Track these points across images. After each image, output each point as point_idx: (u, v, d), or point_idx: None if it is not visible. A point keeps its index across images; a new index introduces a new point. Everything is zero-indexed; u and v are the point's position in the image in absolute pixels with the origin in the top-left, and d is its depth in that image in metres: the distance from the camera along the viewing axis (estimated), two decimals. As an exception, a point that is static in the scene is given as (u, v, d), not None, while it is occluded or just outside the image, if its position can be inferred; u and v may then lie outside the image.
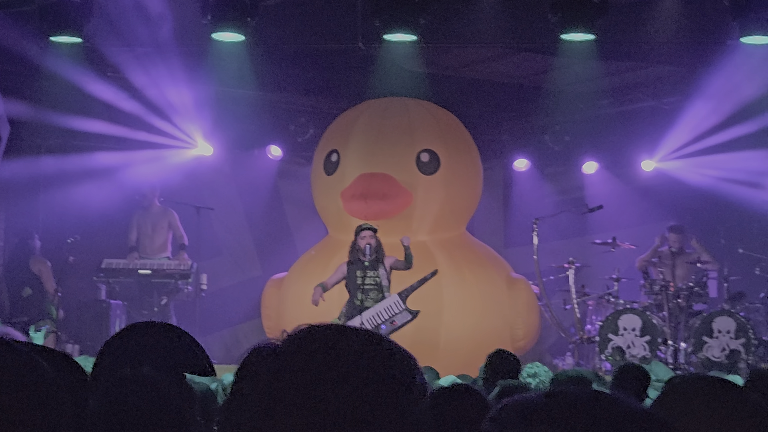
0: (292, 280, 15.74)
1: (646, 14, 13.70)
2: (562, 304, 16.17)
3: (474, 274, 15.33)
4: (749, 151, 16.00)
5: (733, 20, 12.45)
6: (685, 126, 16.38)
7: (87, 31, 13.16)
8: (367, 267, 13.33)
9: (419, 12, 12.60)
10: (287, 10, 14.37)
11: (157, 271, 16.55)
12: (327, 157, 15.86)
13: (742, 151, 16.07)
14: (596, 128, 17.26)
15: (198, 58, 14.60)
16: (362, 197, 15.08)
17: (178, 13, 13.62)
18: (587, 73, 15.13)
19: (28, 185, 16.79)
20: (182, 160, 17.28)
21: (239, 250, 18.33)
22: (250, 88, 16.25)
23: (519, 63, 16.47)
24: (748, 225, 16.54)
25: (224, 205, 17.93)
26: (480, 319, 15.05)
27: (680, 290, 14.90)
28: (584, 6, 12.28)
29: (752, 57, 13.51)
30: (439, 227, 15.70)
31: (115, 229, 16.87)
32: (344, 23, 14.15)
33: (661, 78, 16.62)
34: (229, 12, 12.67)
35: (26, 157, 16.74)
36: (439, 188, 15.53)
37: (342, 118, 16.32)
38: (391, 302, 13.25)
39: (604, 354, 14.60)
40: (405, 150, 15.52)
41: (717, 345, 14.43)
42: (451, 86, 16.93)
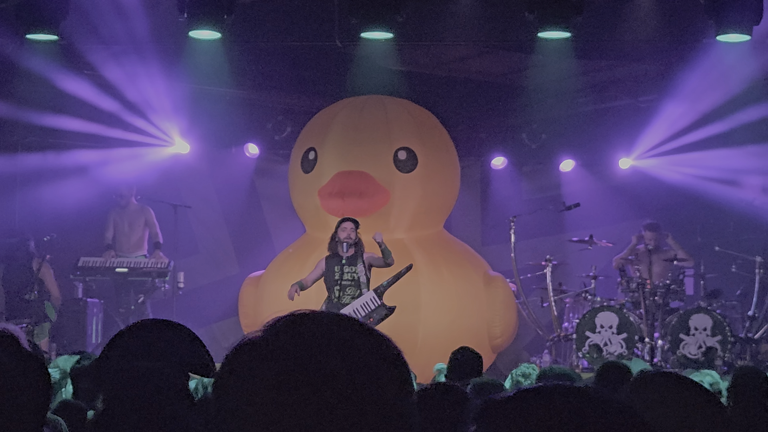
0: (269, 278, 15.73)
1: (622, 13, 13.73)
2: (540, 302, 16.19)
3: (451, 271, 15.34)
4: (726, 149, 16.06)
5: (708, 19, 12.48)
6: (662, 124, 16.43)
7: (63, 29, 13.10)
8: (344, 263, 13.32)
9: (396, 10, 12.59)
10: (264, 8, 14.36)
11: (133, 269, 16.53)
12: (304, 155, 15.85)
13: (719, 149, 16.13)
14: (573, 126, 17.29)
15: (175, 56, 14.57)
16: (339, 195, 15.08)
17: (154, 10, 13.59)
18: (564, 71, 15.17)
19: (4, 183, 16.75)
20: (159, 158, 17.24)
21: (216, 248, 18.30)
22: (228, 86, 16.24)
23: (496, 61, 16.48)
24: (724, 223, 16.59)
25: (201, 203, 17.89)
26: (457, 317, 15.06)
27: (657, 288, 14.94)
28: (561, 4, 12.30)
29: (728, 55, 13.56)
30: (416, 225, 15.71)
31: (92, 227, 16.84)
32: (321, 21, 14.15)
33: (637, 76, 16.66)
34: (205, 10, 12.64)
35: (2, 155, 16.70)
36: (416, 186, 15.54)
37: (319, 116, 16.31)
38: (367, 299, 13.25)
39: (581, 351, 14.63)
40: (382, 148, 15.52)
41: (694, 342, 14.47)
42: (429, 84, 16.95)
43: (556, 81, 15.82)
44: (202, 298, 17.56)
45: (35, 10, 12.72)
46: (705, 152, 16.31)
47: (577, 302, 15.90)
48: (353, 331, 1.78)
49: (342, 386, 1.71)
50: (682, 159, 16.67)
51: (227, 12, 12.70)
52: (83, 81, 15.50)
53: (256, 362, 1.74)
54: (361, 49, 14.47)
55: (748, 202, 16.28)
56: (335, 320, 1.80)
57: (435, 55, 16.48)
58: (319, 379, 1.71)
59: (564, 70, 15.10)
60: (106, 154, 16.82)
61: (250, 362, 1.75)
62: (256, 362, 1.74)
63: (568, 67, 14.99)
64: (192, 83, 15.93)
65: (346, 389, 1.71)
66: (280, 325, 1.78)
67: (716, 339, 14.46)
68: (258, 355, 1.75)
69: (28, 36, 13.03)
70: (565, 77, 15.62)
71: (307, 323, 1.78)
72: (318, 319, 1.79)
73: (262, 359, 1.74)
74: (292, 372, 1.71)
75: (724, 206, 16.30)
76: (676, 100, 15.81)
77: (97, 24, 13.69)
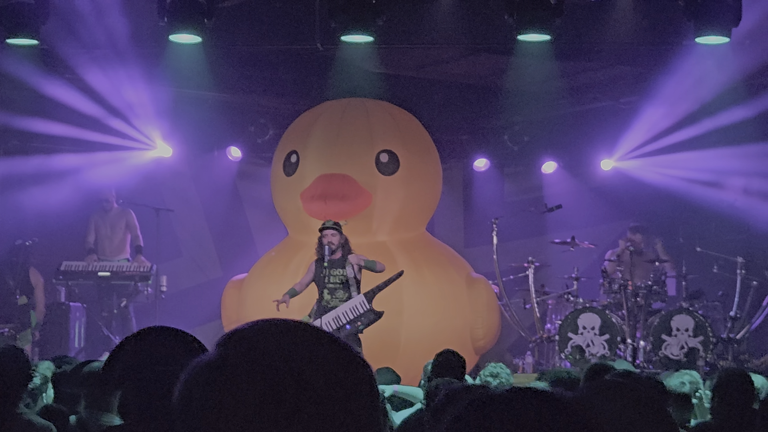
0: (252, 282, 15.72)
1: (602, 15, 13.75)
2: (522, 304, 16.23)
3: (434, 274, 15.35)
4: (706, 150, 16.11)
5: (688, 21, 12.52)
6: (643, 125, 16.48)
7: (44, 33, 13.08)
8: (328, 266, 13.32)
9: (376, 13, 12.59)
10: (245, 12, 14.34)
11: (116, 273, 16.52)
12: (286, 158, 15.85)
13: (700, 150, 16.18)
14: (555, 128, 17.33)
15: (156, 59, 14.55)
16: (322, 198, 15.08)
17: (134, 14, 13.57)
18: (545, 73, 15.18)
19: (-15, 187, 16.74)
20: (141, 162, 17.24)
21: (199, 252, 18.30)
22: (209, 90, 16.23)
23: (477, 63, 16.50)
24: (706, 224, 16.65)
25: (184, 206, 17.90)
26: (440, 319, 15.07)
27: (639, 289, 14.98)
28: (540, 7, 12.30)
29: (708, 57, 13.60)
30: (398, 227, 15.72)
31: (74, 231, 16.84)
32: (302, 24, 14.14)
33: (618, 78, 16.70)
34: (185, 14, 12.61)
35: (-17, 160, 16.70)
36: (398, 188, 15.54)
37: (301, 119, 16.31)
38: (356, 303, 13.25)
39: (564, 353, 14.66)
40: (364, 151, 15.53)
41: (676, 343, 14.51)
42: (410, 87, 16.97)
43: (537, 83, 15.84)
44: (185, 301, 17.55)
45: (15, 15, 12.69)
46: (686, 153, 16.36)
47: (560, 304, 15.94)
48: (310, 342, 1.73)
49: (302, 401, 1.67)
50: (663, 160, 16.72)
51: (207, 16, 12.67)
52: (64, 85, 15.47)
53: (212, 385, 1.69)
54: (342, 52, 14.46)
55: (730, 203, 16.35)
56: (291, 331, 1.75)
57: (416, 58, 16.50)
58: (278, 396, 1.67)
59: (545, 72, 15.11)
60: (88, 158, 16.81)
61: (206, 386, 1.70)
62: (211, 385, 1.69)
63: (548, 69, 15.01)
64: (174, 86, 15.90)
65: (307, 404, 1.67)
66: (234, 342, 1.73)
67: (698, 340, 14.50)
68: (213, 377, 1.70)
69: (8, 41, 13.00)
70: (546, 79, 15.64)
71: (262, 338, 1.73)
72: (273, 332, 1.74)
73: (218, 381, 1.69)
74: (248, 393, 1.66)
75: (706, 207, 16.36)
76: (657, 101, 15.86)
77: (78, 28, 13.67)
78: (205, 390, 1.69)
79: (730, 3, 12.20)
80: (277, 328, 1.74)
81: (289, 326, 1.76)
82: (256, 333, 1.73)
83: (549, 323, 15.97)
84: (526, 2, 12.30)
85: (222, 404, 1.67)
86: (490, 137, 17.85)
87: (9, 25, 12.79)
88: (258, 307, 15.11)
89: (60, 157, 16.73)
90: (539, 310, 15.94)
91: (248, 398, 1.66)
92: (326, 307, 13.23)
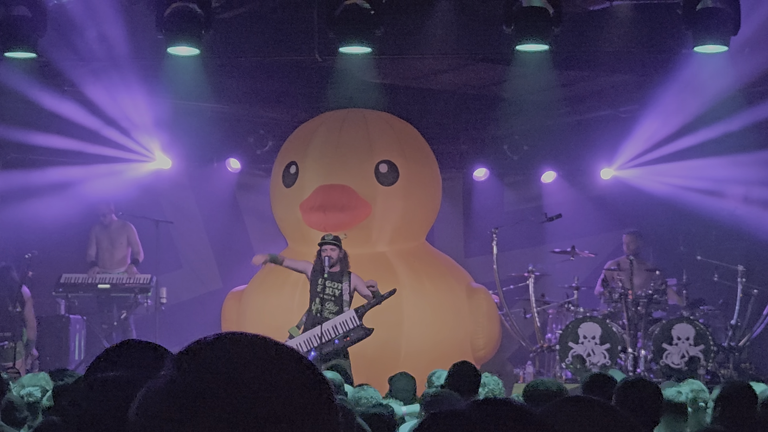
0: (252, 293, 15.71)
1: (600, 24, 13.75)
2: (523, 313, 16.21)
3: (434, 284, 15.34)
4: (706, 158, 16.09)
5: (686, 30, 12.50)
6: (643, 134, 16.47)
7: (42, 46, 13.07)
8: (327, 278, 13.30)
9: (374, 25, 12.56)
10: (243, 24, 14.34)
11: (116, 285, 16.51)
12: (286, 169, 15.85)
13: (700, 158, 16.17)
14: (554, 137, 17.33)
15: (154, 72, 14.55)
16: (321, 209, 15.08)
17: (133, 26, 13.57)
18: (544, 82, 15.17)
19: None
20: (141, 174, 17.25)
21: (199, 263, 18.30)
22: (208, 101, 16.25)
23: (476, 73, 16.50)
24: (706, 232, 16.63)
25: (184, 218, 17.90)
26: (440, 329, 15.06)
27: (639, 298, 14.96)
28: (538, 17, 12.27)
29: (706, 65, 13.59)
30: (398, 238, 15.71)
31: (74, 243, 16.84)
32: (301, 35, 14.13)
33: (617, 87, 16.70)
34: (183, 26, 12.59)
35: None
36: (398, 199, 15.54)
37: (300, 130, 16.31)
38: (346, 317, 13.22)
39: (565, 362, 14.64)
40: (363, 161, 15.52)
41: (676, 352, 14.49)
42: (409, 97, 16.98)
43: (536, 92, 15.85)
44: (185, 313, 17.55)
45: (13, 29, 12.67)
46: (686, 162, 16.35)
47: (560, 313, 15.91)
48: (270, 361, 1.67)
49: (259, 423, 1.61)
50: (663, 169, 16.71)
51: (205, 28, 12.66)
52: (63, 98, 15.48)
53: (166, 406, 1.64)
54: (341, 62, 14.45)
55: (730, 211, 16.33)
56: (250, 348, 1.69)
57: (415, 68, 16.50)
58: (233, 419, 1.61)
59: (544, 81, 15.11)
60: (87, 170, 16.81)
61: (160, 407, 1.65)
62: (166, 406, 1.64)
63: (548, 78, 15.00)
64: (172, 98, 15.92)
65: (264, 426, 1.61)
66: (189, 360, 1.67)
67: (699, 348, 14.48)
68: (167, 398, 1.65)
69: (6, 54, 12.99)
70: (545, 88, 15.64)
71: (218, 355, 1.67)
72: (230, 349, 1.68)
73: (172, 402, 1.64)
74: (203, 415, 1.61)
75: (706, 216, 16.34)
76: (657, 110, 15.85)
77: (76, 41, 13.67)
78: (159, 411, 1.65)
79: (729, 12, 12.17)
80: (234, 345, 1.68)
81: (248, 342, 1.69)
82: (212, 350, 1.67)
83: (549, 333, 15.96)
84: (525, 12, 12.27)
85: (177, 426, 1.62)
86: (490, 147, 17.85)
87: (6, 38, 12.77)
88: (257, 318, 15.11)
89: (59, 169, 16.73)
90: (540, 320, 15.93)
91: (203, 421, 1.61)
92: (316, 317, 13.19)
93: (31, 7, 12.67)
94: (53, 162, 16.74)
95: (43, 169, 16.71)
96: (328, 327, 13.14)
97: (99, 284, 16.50)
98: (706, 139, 15.71)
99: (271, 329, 14.47)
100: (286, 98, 17.23)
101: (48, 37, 13.03)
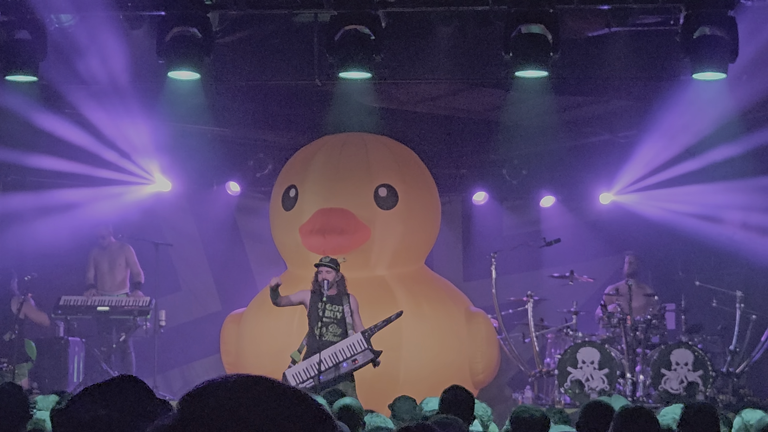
0: (251, 316, 15.71)
1: (599, 50, 13.80)
2: (521, 338, 16.20)
3: (433, 308, 15.35)
4: (705, 184, 16.11)
5: (684, 57, 12.55)
6: (641, 159, 16.50)
7: (42, 69, 13.12)
8: (326, 301, 13.30)
9: (374, 50, 12.60)
10: (243, 48, 14.39)
11: (115, 307, 16.51)
12: (285, 193, 15.87)
13: (698, 184, 16.19)
14: (553, 162, 17.36)
15: (155, 95, 14.59)
16: (320, 232, 15.10)
17: (133, 50, 13.62)
18: (543, 107, 15.22)
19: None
20: (140, 197, 17.27)
21: (198, 286, 18.30)
22: (208, 124, 16.28)
23: (475, 98, 16.55)
24: (705, 258, 16.66)
25: (183, 240, 17.92)
26: (439, 354, 15.06)
27: (638, 323, 14.97)
28: (537, 44, 12.31)
29: (705, 92, 13.63)
30: (397, 262, 15.72)
31: (74, 266, 16.85)
32: (301, 60, 14.17)
33: (616, 112, 16.73)
34: (184, 51, 12.65)
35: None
36: (397, 223, 15.56)
37: (300, 153, 16.35)
38: (354, 340, 13.19)
39: (564, 387, 14.64)
40: (363, 185, 15.55)
41: (675, 377, 14.51)
42: (409, 121, 17.01)
43: (535, 117, 15.88)
44: (184, 335, 17.57)
45: (14, 52, 12.73)
46: (685, 187, 16.38)
47: (559, 338, 15.92)
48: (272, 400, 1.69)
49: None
50: (662, 194, 16.73)
51: (206, 52, 12.72)
52: (64, 120, 15.52)
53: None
54: (341, 87, 14.49)
55: (729, 237, 16.34)
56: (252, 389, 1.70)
57: (414, 93, 16.54)
58: None
59: (543, 106, 15.15)
60: (87, 193, 16.84)
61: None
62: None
63: (546, 103, 15.03)
64: (173, 121, 15.96)
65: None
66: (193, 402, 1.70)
67: (698, 374, 14.50)
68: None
69: (7, 77, 13.04)
70: (544, 113, 15.68)
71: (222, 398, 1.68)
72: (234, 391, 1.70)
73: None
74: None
75: (705, 241, 16.35)
76: (655, 135, 15.88)
77: (77, 64, 13.71)
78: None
79: (727, 39, 12.22)
80: (238, 387, 1.70)
81: (251, 384, 1.71)
82: (216, 393, 1.69)
83: (548, 357, 15.95)
84: (524, 39, 12.32)
85: None
86: (489, 171, 17.87)
87: (8, 62, 12.83)
88: (257, 341, 15.12)
89: (59, 191, 16.75)
90: (538, 344, 15.92)
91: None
92: (318, 340, 13.15)
93: (33, 31, 12.74)
94: (53, 184, 16.76)
95: (43, 191, 16.74)
96: (334, 351, 13.11)
97: (98, 306, 16.50)
98: (705, 164, 15.75)
99: (271, 352, 14.49)
100: (286, 122, 17.27)
101: (49, 60, 13.09)
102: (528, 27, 12.33)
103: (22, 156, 15.88)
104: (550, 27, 12.33)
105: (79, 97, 14.92)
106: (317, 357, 12.98)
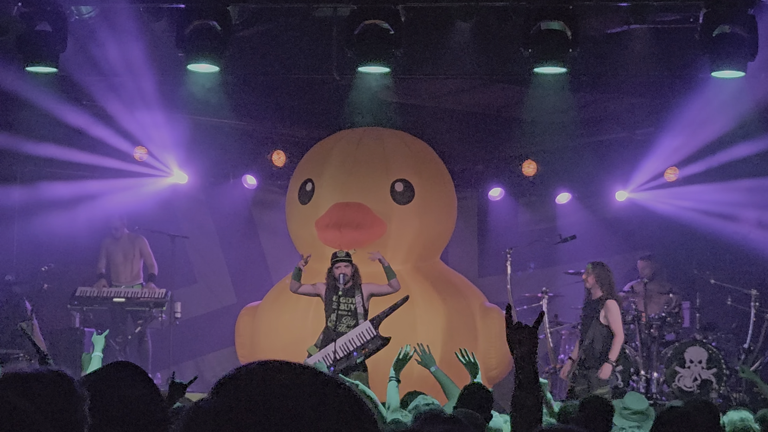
0: (266, 309, 15.74)
1: (618, 47, 13.81)
2: (536, 334, 16.18)
3: (447, 303, 15.36)
4: (721, 182, 16.11)
5: (703, 55, 12.55)
6: (658, 157, 16.50)
7: (62, 61, 13.17)
8: (342, 294, 13.36)
9: (393, 45, 12.63)
10: (262, 41, 14.43)
11: (131, 299, 16.55)
12: (302, 187, 15.90)
13: (714, 182, 16.19)
14: (570, 159, 17.35)
15: (173, 87, 14.63)
16: (336, 226, 15.12)
17: (152, 42, 13.66)
18: (561, 104, 15.21)
19: (2, 213, 16.80)
20: (157, 189, 17.31)
21: (214, 279, 18.34)
22: (226, 118, 16.31)
23: (493, 94, 16.55)
24: (720, 256, 16.64)
25: (199, 233, 17.96)
26: (453, 349, 15.03)
27: (652, 320, 14.97)
28: (556, 40, 12.33)
29: (723, 90, 13.63)
30: (413, 256, 15.74)
31: (90, 256, 16.91)
32: (319, 54, 14.21)
33: (633, 110, 16.72)
34: (203, 44, 12.69)
35: (1, 186, 16.76)
36: (413, 218, 15.57)
37: (317, 147, 16.37)
38: (362, 329, 13.26)
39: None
40: (379, 180, 15.57)
41: (689, 375, 14.52)
42: (426, 116, 17.01)
43: (552, 114, 15.88)
44: (199, 328, 17.61)
45: (35, 43, 12.78)
46: (701, 186, 16.38)
47: (573, 334, 15.93)
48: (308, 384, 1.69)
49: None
50: (678, 192, 16.74)
51: (225, 46, 12.76)
52: (82, 112, 15.57)
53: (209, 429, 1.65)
54: (359, 81, 14.52)
55: (744, 235, 16.34)
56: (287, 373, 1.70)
57: (432, 88, 16.56)
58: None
59: (560, 103, 15.15)
60: (105, 184, 16.90)
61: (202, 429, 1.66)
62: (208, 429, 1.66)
63: (564, 100, 15.04)
64: (190, 114, 16.00)
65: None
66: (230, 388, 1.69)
67: (711, 372, 14.51)
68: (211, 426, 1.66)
69: (27, 68, 13.09)
70: (561, 110, 15.68)
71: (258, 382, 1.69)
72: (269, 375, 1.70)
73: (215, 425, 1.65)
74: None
75: (720, 240, 16.34)
76: (672, 133, 15.88)
77: (96, 56, 13.76)
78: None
79: (746, 37, 12.22)
80: (272, 371, 1.70)
81: (286, 368, 1.72)
82: (251, 378, 1.69)
83: (562, 353, 15.97)
84: (542, 35, 12.34)
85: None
86: (505, 167, 17.87)
87: (28, 53, 12.88)
88: (271, 334, 15.15)
89: (76, 183, 16.80)
90: (553, 341, 15.94)
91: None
92: (332, 331, 13.22)
93: (53, 22, 12.78)
94: (71, 176, 16.81)
95: (60, 182, 16.79)
96: (345, 341, 13.18)
97: (114, 298, 16.54)
98: (722, 162, 15.75)
99: (286, 345, 14.52)
100: (304, 116, 17.29)
101: (68, 52, 13.14)
102: (547, 23, 12.34)
103: (40, 147, 15.92)
104: (570, 23, 12.35)
105: (98, 89, 14.98)
106: (332, 346, 13.06)
